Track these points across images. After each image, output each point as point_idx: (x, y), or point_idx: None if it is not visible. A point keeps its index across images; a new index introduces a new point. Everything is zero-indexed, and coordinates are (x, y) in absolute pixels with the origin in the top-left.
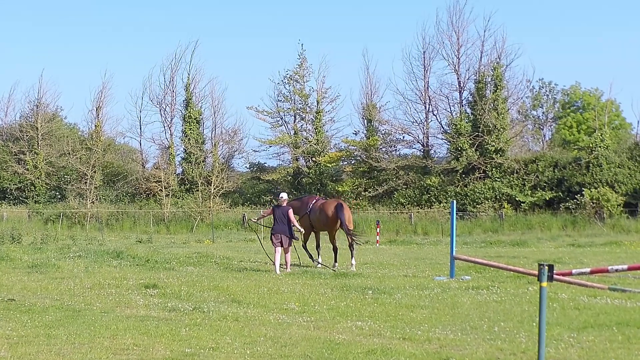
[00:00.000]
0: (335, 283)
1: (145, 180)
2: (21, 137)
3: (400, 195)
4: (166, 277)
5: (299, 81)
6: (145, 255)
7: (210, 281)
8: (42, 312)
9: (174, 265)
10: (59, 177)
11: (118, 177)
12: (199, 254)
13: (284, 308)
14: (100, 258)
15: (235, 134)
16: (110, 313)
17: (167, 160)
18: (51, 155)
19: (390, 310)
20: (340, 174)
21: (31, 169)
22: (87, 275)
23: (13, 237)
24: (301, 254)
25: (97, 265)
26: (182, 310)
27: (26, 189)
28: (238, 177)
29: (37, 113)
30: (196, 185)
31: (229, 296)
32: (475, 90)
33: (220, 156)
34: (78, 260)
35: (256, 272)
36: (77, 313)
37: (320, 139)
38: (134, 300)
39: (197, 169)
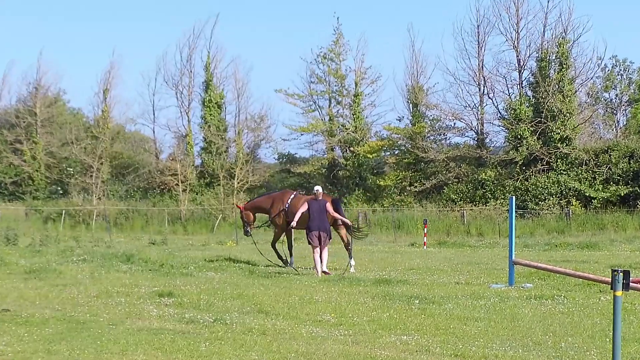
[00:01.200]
0: (377, 291)
1: (159, 173)
2: (17, 124)
3: (450, 191)
4: (183, 284)
5: (335, 60)
6: (160, 259)
7: (233, 289)
8: (41, 324)
9: (192, 270)
10: (60, 169)
11: (128, 169)
12: (221, 258)
13: (318, 320)
14: (108, 262)
15: (261, 121)
16: (119, 325)
17: (184, 150)
18: (52, 145)
19: (440, 323)
20: (381, 166)
21: (29, 160)
22: (93, 281)
23: (8, 238)
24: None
25: (105, 271)
26: (202, 322)
27: (23, 183)
28: (265, 169)
29: (35, 96)
30: (217, 179)
31: (255, 306)
32: (538, 69)
33: (245, 146)
34: (82, 264)
35: (286, 278)
36: (81, 325)
37: (358, 126)
38: (146, 310)
39: (218, 161)
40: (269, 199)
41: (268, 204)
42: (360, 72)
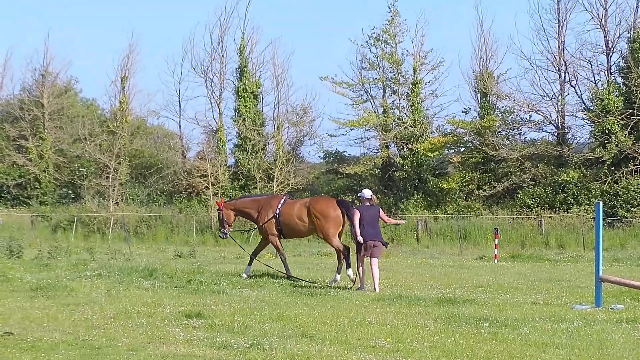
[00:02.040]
0: (440, 312)
1: (186, 174)
2: (22, 117)
3: (525, 195)
4: (214, 304)
5: (389, 42)
6: (187, 273)
7: (272, 309)
8: (49, 350)
9: (224, 287)
10: (71, 170)
11: (150, 170)
12: (258, 273)
13: (371, 345)
14: (127, 277)
15: (304, 113)
16: (140, 351)
17: (214, 147)
18: (62, 141)
19: (514, 350)
20: (444, 166)
21: (35, 160)
22: (110, 300)
23: (11, 249)
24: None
25: (123, 288)
26: (236, 347)
27: (28, 186)
28: (309, 170)
29: (42, 85)
30: (253, 181)
31: (298, 329)
32: (629, 52)
33: (286, 142)
34: (97, 280)
35: (334, 297)
36: (96, 351)
37: (418, 119)
38: (171, 333)
39: (254, 160)
40: (254, 203)
41: (254, 209)
42: (419, 57)
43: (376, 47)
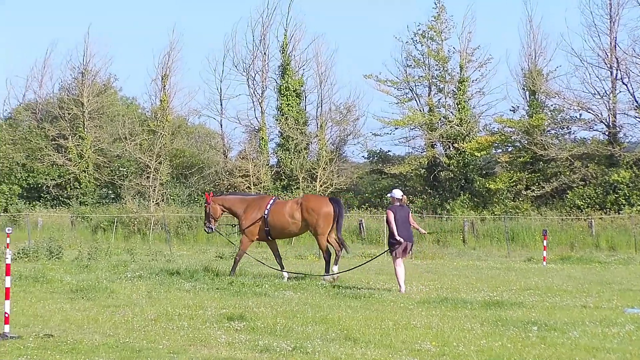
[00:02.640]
0: (487, 315)
1: (227, 174)
2: (61, 116)
3: (575, 196)
4: (256, 306)
5: (435, 39)
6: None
7: (315, 311)
8: (89, 353)
9: (266, 289)
10: (111, 169)
11: (191, 170)
12: (301, 275)
13: (416, 349)
14: (168, 279)
15: (348, 112)
16: (181, 354)
17: (257, 147)
18: (101, 141)
19: (564, 354)
20: (492, 165)
21: (75, 159)
22: (151, 302)
23: (51, 250)
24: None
25: (164, 289)
26: (278, 350)
27: (68, 186)
28: (353, 170)
29: (82, 84)
30: (296, 181)
31: (342, 332)
32: None
33: (329, 142)
34: (138, 282)
35: (378, 300)
36: (136, 354)
37: (464, 118)
38: (213, 336)
39: (297, 159)
40: (242, 202)
41: (241, 207)
42: (466, 54)
43: (422, 44)
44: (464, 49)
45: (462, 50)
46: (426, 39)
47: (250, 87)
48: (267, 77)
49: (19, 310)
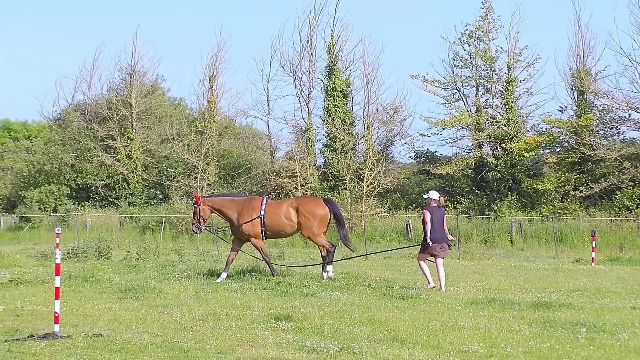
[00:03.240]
0: (535, 317)
1: (274, 174)
2: (110, 117)
3: (624, 196)
4: (303, 306)
5: (483, 39)
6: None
7: (362, 312)
8: (138, 352)
9: (313, 289)
10: (160, 170)
11: (239, 170)
12: (348, 275)
13: (463, 350)
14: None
15: (395, 113)
16: (229, 354)
17: (303, 147)
18: (150, 141)
19: (613, 356)
20: (540, 166)
21: (123, 160)
22: (198, 302)
23: (100, 251)
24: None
25: (212, 290)
26: (326, 350)
27: (117, 187)
28: (400, 170)
29: (130, 85)
30: (343, 181)
31: (389, 332)
32: None
33: (376, 142)
34: (186, 282)
35: (425, 300)
36: (184, 354)
37: (512, 118)
38: (260, 336)
39: (344, 160)
40: (234, 203)
41: (233, 209)
42: (514, 54)
43: (469, 44)
44: (512, 49)
45: (510, 50)
46: (473, 39)
47: (297, 87)
48: (314, 77)
49: (69, 310)
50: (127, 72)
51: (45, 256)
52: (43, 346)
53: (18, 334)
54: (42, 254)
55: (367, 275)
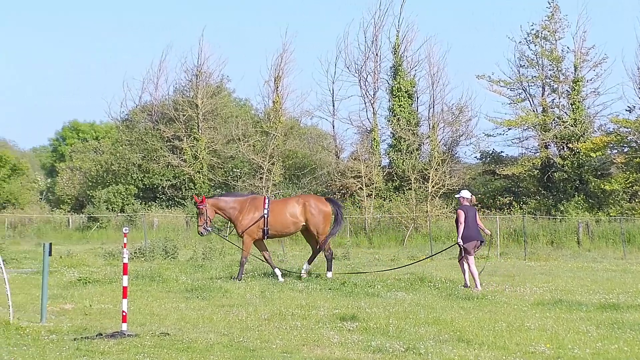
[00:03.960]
0: (602, 318)
1: (339, 175)
2: (176, 118)
3: None
4: (369, 306)
5: (549, 39)
6: (341, 276)
7: (428, 312)
8: (204, 351)
9: (379, 290)
10: (225, 170)
11: (304, 170)
12: (413, 275)
13: (529, 351)
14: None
15: (460, 113)
16: (294, 354)
17: (368, 148)
18: (215, 142)
19: None
20: (607, 166)
21: (190, 160)
22: (264, 302)
23: (166, 250)
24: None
25: (277, 289)
26: (391, 351)
27: (183, 187)
28: (465, 170)
29: (196, 86)
30: (408, 182)
31: (454, 333)
32: None
33: (441, 143)
34: (252, 281)
35: (491, 301)
36: (250, 353)
37: (578, 118)
38: (326, 336)
39: (409, 160)
40: (237, 202)
41: (236, 208)
42: (580, 53)
43: (535, 44)
44: (579, 49)
45: (577, 50)
46: (540, 38)
47: (362, 88)
48: (379, 78)
49: (136, 309)
50: (193, 73)
51: (113, 256)
52: (111, 345)
53: (86, 332)
54: (109, 253)
55: (433, 276)
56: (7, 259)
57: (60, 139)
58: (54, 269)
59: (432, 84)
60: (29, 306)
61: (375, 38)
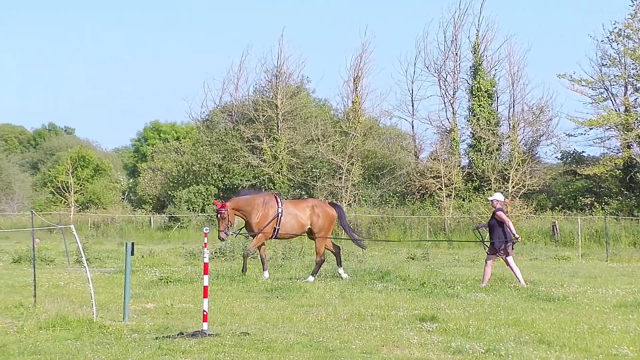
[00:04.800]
0: None
1: (419, 175)
2: (256, 118)
3: None
4: (448, 307)
5: (632, 37)
6: (420, 276)
7: (508, 313)
8: (284, 351)
9: (458, 290)
10: (305, 170)
11: (383, 171)
12: (493, 276)
13: (612, 353)
14: (360, 279)
15: (541, 112)
16: (373, 354)
17: (448, 148)
18: (295, 142)
19: None
20: None
21: (269, 160)
22: (343, 302)
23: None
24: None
25: (356, 290)
26: (471, 351)
27: (263, 187)
28: (546, 171)
29: (276, 86)
30: (488, 182)
31: (535, 335)
32: None
33: (521, 143)
34: (331, 281)
35: (572, 302)
36: (330, 353)
37: None
38: (405, 337)
39: (489, 160)
40: (253, 201)
41: (250, 207)
42: None
43: (618, 42)
44: None
45: None
46: (622, 37)
47: (442, 87)
48: (459, 77)
49: (217, 308)
50: (273, 74)
51: (194, 255)
52: (192, 344)
53: (168, 331)
54: (190, 253)
55: (512, 277)
56: (90, 259)
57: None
58: (136, 269)
59: (512, 83)
60: (111, 305)
61: (455, 37)
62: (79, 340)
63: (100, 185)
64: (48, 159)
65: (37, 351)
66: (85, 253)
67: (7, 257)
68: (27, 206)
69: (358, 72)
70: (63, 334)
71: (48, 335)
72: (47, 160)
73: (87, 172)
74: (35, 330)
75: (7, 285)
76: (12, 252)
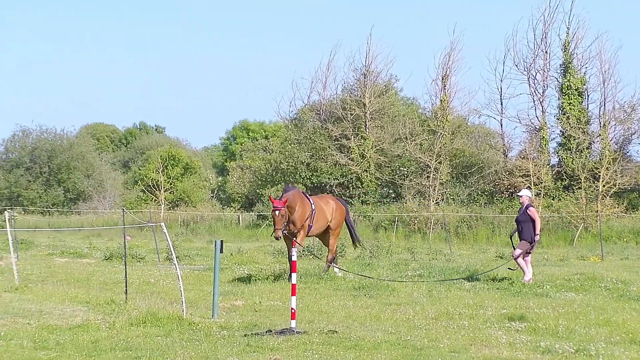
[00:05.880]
0: None
1: (507, 174)
2: (344, 117)
3: None
4: (537, 307)
5: None
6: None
7: (598, 313)
8: (372, 349)
9: (547, 290)
10: (392, 169)
11: (471, 169)
12: (583, 276)
13: None
14: (449, 278)
15: (633, 111)
16: (461, 353)
17: (537, 146)
18: (383, 141)
19: None
20: None
21: (357, 159)
22: (431, 301)
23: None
24: None
25: (444, 289)
26: (560, 352)
27: (350, 185)
28: (637, 169)
29: (364, 85)
30: (578, 181)
31: (626, 335)
32: None
33: (612, 141)
34: (419, 280)
35: None
36: (418, 352)
37: None
38: (493, 336)
39: (579, 159)
40: (295, 197)
41: (294, 204)
42: None
43: None
44: None
45: None
46: None
47: (531, 86)
48: (548, 75)
49: (305, 306)
50: (361, 73)
51: (282, 253)
52: (280, 341)
53: (256, 328)
54: (279, 251)
55: (603, 277)
56: (180, 256)
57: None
58: (224, 266)
59: (603, 81)
60: (201, 302)
61: (545, 35)
62: (169, 337)
63: (190, 184)
64: (139, 158)
65: (128, 347)
66: (175, 251)
67: (99, 255)
68: (119, 204)
69: (446, 71)
70: (153, 331)
71: (139, 331)
72: (137, 158)
73: (177, 170)
74: (127, 327)
75: (99, 282)
76: (104, 249)
